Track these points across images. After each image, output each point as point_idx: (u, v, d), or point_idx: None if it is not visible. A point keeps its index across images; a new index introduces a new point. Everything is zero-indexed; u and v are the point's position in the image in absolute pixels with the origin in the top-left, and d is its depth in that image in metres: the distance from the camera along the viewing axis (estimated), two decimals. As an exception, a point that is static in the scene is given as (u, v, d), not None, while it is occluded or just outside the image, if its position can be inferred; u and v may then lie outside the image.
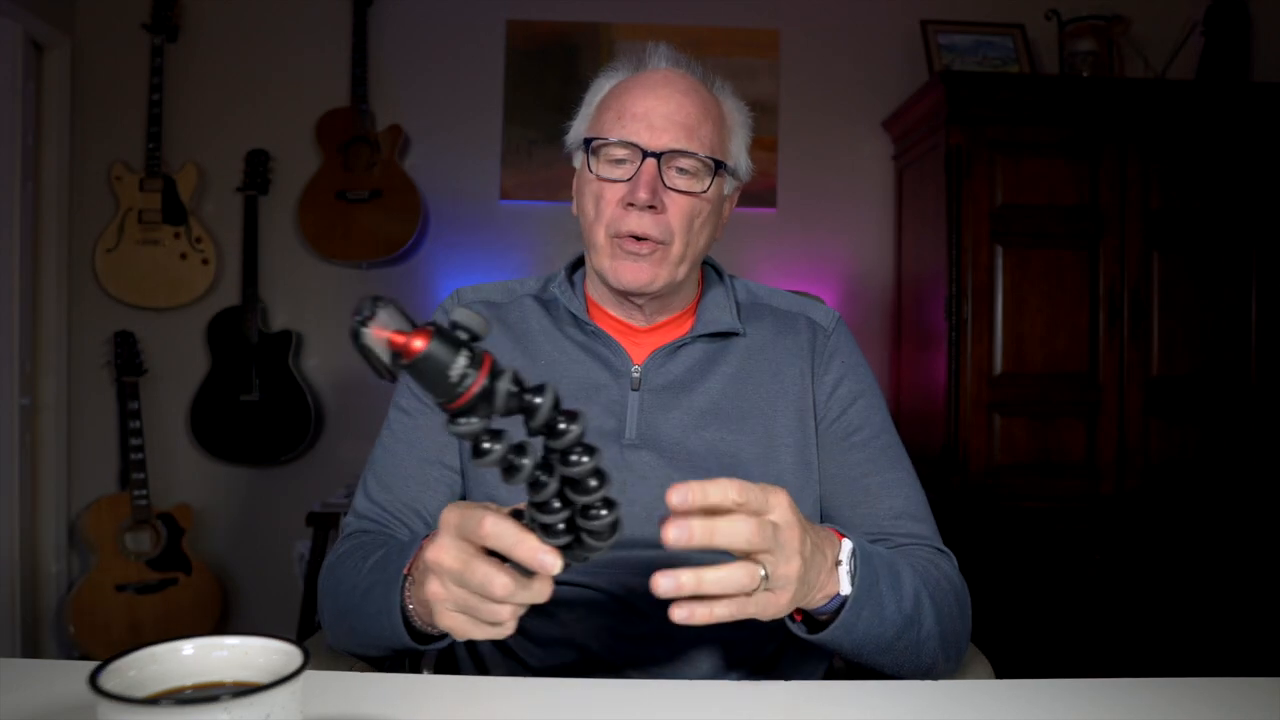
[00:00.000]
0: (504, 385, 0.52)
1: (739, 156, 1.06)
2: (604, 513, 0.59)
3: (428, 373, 0.50)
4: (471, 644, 1.05)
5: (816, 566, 0.74)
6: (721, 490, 0.65)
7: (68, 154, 2.89)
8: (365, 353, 0.51)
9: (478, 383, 0.51)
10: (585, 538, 0.61)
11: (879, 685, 0.81)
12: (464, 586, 0.66)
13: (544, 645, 0.98)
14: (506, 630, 0.68)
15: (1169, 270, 2.53)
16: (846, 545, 0.79)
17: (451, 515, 0.67)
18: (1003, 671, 0.96)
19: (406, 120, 2.93)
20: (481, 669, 1.04)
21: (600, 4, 2.99)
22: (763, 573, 0.68)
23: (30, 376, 2.75)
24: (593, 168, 1.00)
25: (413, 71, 2.98)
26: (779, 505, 0.69)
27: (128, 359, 2.79)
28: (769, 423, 1.02)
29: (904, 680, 0.85)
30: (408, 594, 0.82)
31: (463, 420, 0.52)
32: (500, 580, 0.64)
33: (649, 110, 0.98)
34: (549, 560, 0.61)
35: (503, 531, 0.62)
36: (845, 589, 0.77)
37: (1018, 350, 2.49)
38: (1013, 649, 2.39)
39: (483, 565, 0.64)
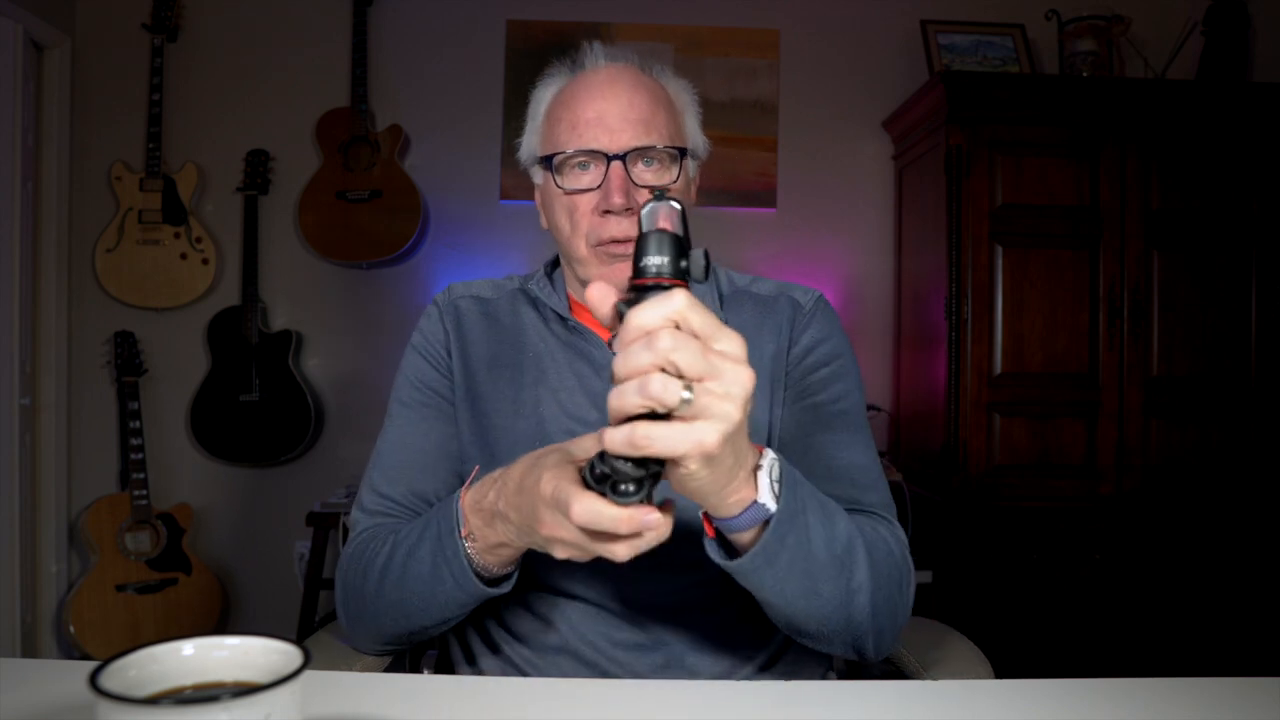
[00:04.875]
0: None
1: (695, 136, 1.06)
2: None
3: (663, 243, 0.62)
4: (468, 651, 1.05)
5: (739, 454, 0.68)
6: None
7: (68, 154, 2.89)
8: (649, 216, 0.63)
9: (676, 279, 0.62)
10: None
11: (879, 685, 0.81)
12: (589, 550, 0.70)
13: (540, 653, 0.98)
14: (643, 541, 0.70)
15: (1169, 270, 2.53)
16: (768, 453, 0.73)
17: (545, 488, 0.70)
18: (1003, 671, 0.96)
19: (406, 120, 2.93)
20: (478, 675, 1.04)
21: (600, 4, 2.99)
22: (685, 394, 0.58)
23: (30, 376, 2.75)
24: (559, 182, 0.99)
25: (413, 71, 2.98)
26: (733, 342, 0.61)
27: (128, 359, 2.79)
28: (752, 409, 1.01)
29: (904, 680, 0.85)
30: (470, 548, 0.84)
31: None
32: (620, 550, 0.67)
33: (602, 113, 0.97)
34: (653, 519, 0.64)
35: (593, 519, 0.65)
36: (764, 498, 0.72)
37: (1017, 350, 2.49)
38: (1013, 649, 2.39)
39: (599, 545, 0.68)
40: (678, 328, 0.58)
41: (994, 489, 2.47)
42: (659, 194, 0.63)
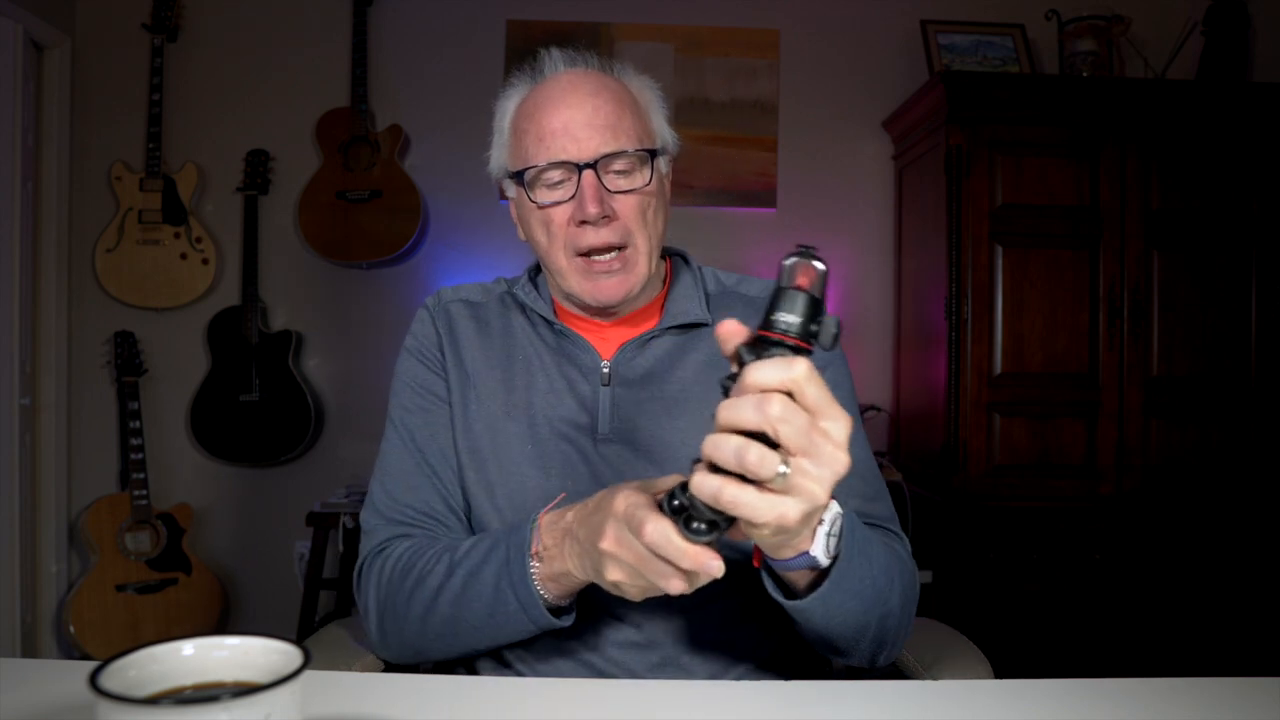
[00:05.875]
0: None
1: (664, 132, 1.05)
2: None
3: (798, 301, 0.61)
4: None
5: (811, 521, 0.69)
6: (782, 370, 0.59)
7: (68, 154, 2.89)
8: (789, 271, 0.62)
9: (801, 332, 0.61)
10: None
11: (879, 685, 0.81)
12: (642, 577, 0.71)
13: (537, 653, 0.98)
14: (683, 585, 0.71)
15: (1169, 270, 2.53)
16: (832, 507, 0.73)
17: (619, 505, 0.71)
18: (1003, 671, 0.96)
19: (406, 120, 2.93)
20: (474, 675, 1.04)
21: (600, 4, 2.99)
22: (782, 468, 0.59)
23: (30, 376, 2.75)
24: (533, 197, 0.99)
25: (413, 71, 2.98)
26: (840, 425, 0.61)
27: (128, 359, 2.79)
28: None
29: (904, 680, 0.85)
30: (534, 570, 0.84)
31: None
32: (675, 584, 0.68)
33: (567, 122, 0.96)
34: (715, 566, 0.65)
35: (662, 543, 0.66)
36: (817, 551, 0.72)
37: (1018, 350, 2.49)
38: (1013, 649, 2.39)
39: (656, 564, 0.68)
40: (791, 395, 0.59)
41: (994, 489, 2.46)
42: (805, 250, 0.63)
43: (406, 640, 0.94)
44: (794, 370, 0.58)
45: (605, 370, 1.02)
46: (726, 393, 0.62)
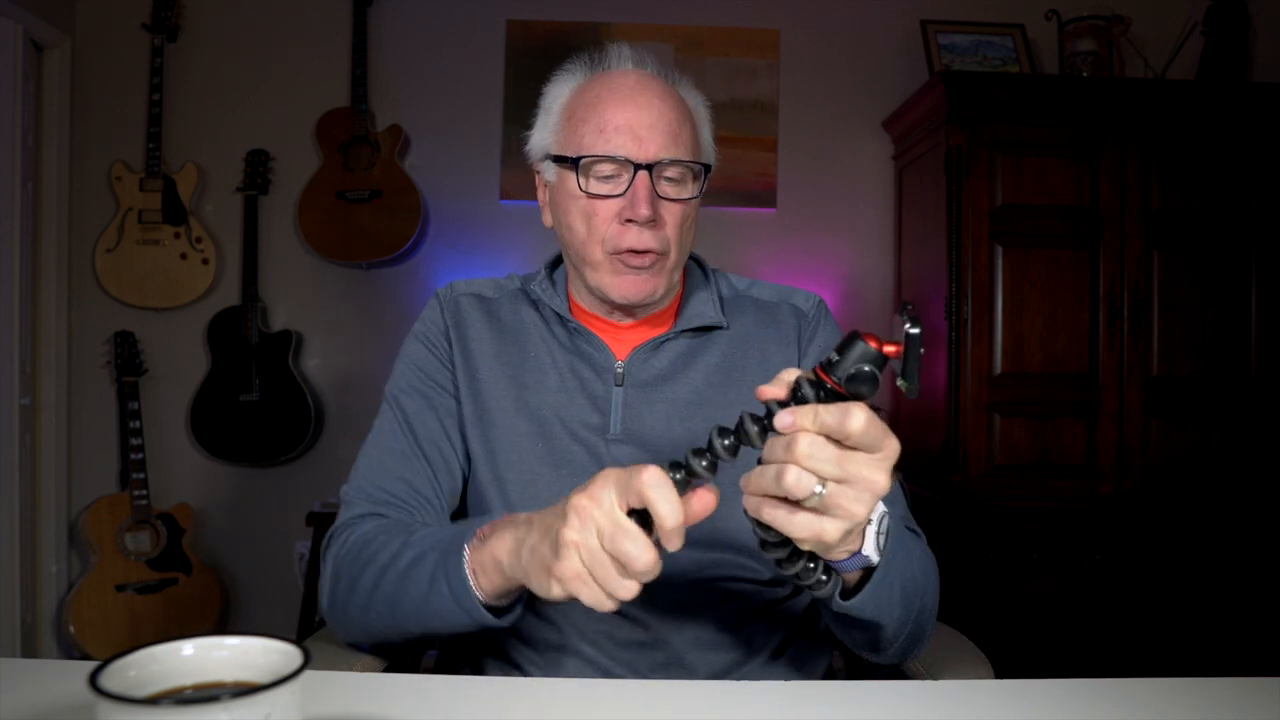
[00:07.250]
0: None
1: (710, 149, 1.06)
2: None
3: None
4: (470, 650, 1.05)
5: (856, 530, 0.71)
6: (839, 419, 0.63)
7: (68, 154, 2.89)
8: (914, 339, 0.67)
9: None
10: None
11: (879, 685, 0.81)
12: (609, 526, 0.67)
13: (541, 652, 0.98)
14: (627, 590, 0.67)
15: (1169, 270, 2.53)
16: (879, 508, 0.74)
17: (610, 473, 0.68)
18: (1003, 671, 0.96)
19: (406, 120, 2.93)
20: (479, 674, 1.04)
21: (600, 4, 2.99)
22: (817, 489, 0.63)
23: (30, 376, 2.75)
24: (582, 185, 0.98)
25: (413, 71, 2.98)
26: (885, 451, 0.65)
27: (128, 359, 2.79)
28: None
29: (904, 680, 0.85)
30: (466, 554, 0.81)
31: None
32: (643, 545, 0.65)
33: (632, 121, 0.96)
34: (711, 500, 0.66)
35: (662, 484, 0.64)
36: (869, 550, 0.73)
37: (1017, 350, 2.49)
38: (1013, 649, 2.39)
39: (628, 526, 0.66)
40: (838, 442, 0.63)
41: (994, 489, 2.46)
42: (915, 321, 0.67)
43: (351, 617, 0.93)
44: (854, 420, 0.63)
45: (619, 371, 1.02)
46: (757, 420, 0.66)
